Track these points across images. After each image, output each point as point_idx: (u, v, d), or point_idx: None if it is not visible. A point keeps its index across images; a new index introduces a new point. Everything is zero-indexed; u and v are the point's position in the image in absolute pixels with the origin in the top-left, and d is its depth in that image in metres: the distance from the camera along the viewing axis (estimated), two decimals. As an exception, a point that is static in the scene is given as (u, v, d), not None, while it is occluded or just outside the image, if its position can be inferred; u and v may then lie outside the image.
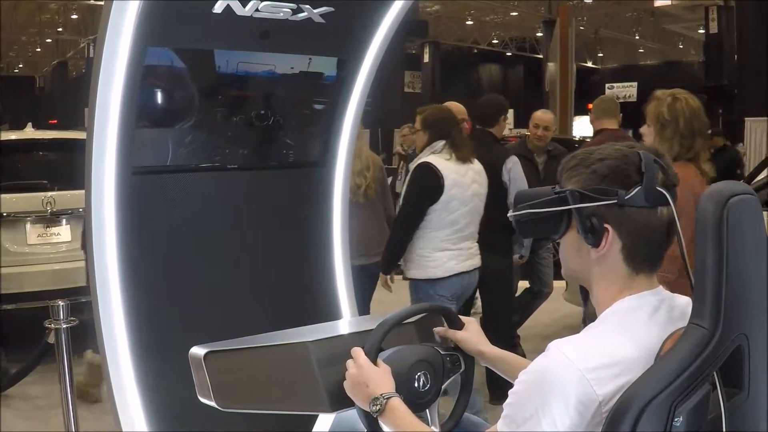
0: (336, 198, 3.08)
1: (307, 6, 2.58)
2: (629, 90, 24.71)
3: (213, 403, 2.03)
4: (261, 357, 2.04)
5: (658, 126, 3.18)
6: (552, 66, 18.73)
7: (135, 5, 2.27)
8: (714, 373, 1.47)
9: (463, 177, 4.02)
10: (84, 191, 2.42)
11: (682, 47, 32.00)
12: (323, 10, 2.62)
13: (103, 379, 3.88)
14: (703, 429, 1.47)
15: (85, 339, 3.25)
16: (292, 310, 2.90)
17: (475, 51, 33.68)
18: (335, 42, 2.83)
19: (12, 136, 7.07)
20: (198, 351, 2.04)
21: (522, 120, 21.39)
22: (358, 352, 1.91)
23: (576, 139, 12.15)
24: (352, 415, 2.03)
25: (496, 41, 32.85)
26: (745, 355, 1.50)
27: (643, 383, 1.43)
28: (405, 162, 8.91)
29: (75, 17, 27.53)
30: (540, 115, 5.78)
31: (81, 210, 5.60)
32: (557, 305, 6.46)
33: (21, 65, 38.12)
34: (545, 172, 5.59)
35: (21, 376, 4.10)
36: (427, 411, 2.03)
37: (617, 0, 26.28)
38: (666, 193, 1.55)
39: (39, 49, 34.39)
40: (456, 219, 4.01)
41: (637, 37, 30.41)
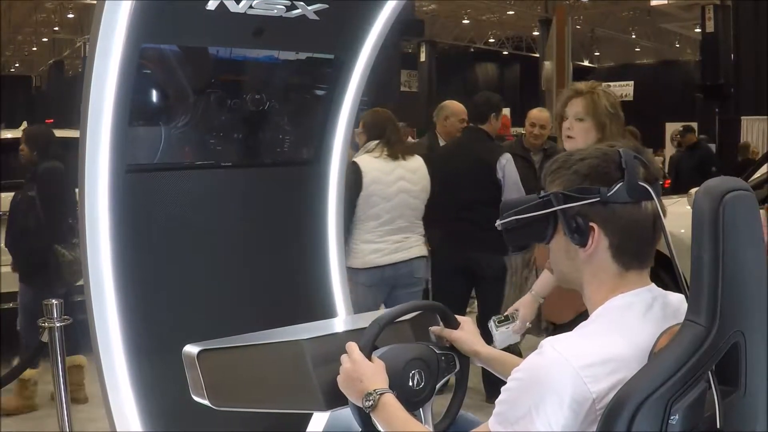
0: (331, 196, 3.07)
1: (301, 3, 2.57)
2: (626, 89, 24.73)
3: (207, 402, 2.02)
4: (255, 355, 2.03)
5: (604, 120, 3.07)
6: (548, 65, 18.72)
7: (128, 4, 2.25)
8: (709, 372, 1.47)
9: (388, 174, 4.39)
10: (78, 190, 2.41)
11: (678, 46, 32.01)
12: (317, 7, 2.61)
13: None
14: (700, 427, 1.46)
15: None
16: (286, 308, 2.89)
17: (472, 50, 33.67)
18: (330, 39, 2.82)
19: (8, 134, 7.05)
20: (191, 349, 2.03)
21: (518, 119, 21.41)
22: (352, 346, 1.90)
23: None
24: (346, 414, 2.02)
25: (492, 40, 32.83)
26: (742, 353, 1.49)
27: (639, 381, 1.42)
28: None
29: (71, 16, 27.48)
30: (536, 114, 5.79)
31: (77, 208, 5.58)
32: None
33: (17, 64, 38.07)
34: (542, 170, 5.57)
35: (15, 375, 4.08)
36: (421, 410, 2.02)
37: (613, -1, 26.33)
38: (648, 188, 1.56)
39: (35, 49, 34.33)
40: (378, 213, 4.37)
41: (634, 36, 30.44)
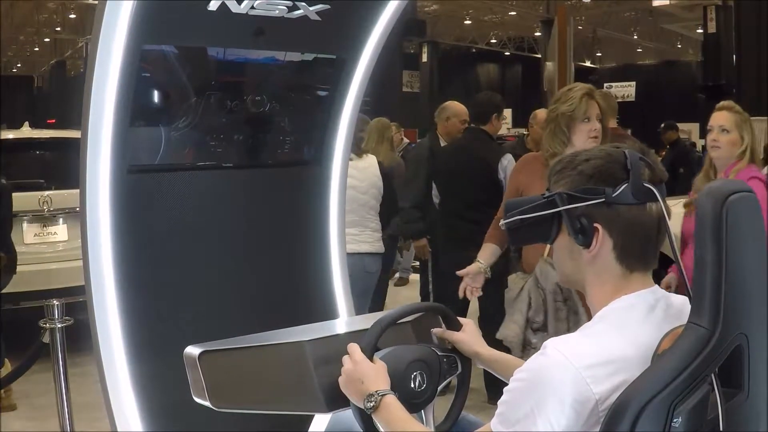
0: (333, 197, 3.06)
1: (303, 3, 2.57)
2: (628, 89, 24.70)
3: (208, 403, 2.02)
4: (256, 357, 2.03)
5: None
6: (550, 65, 18.70)
7: (129, 5, 2.25)
8: (712, 375, 1.46)
9: None
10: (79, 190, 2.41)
11: (680, 47, 32.00)
12: (319, 7, 2.60)
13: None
14: (703, 429, 1.46)
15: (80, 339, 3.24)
16: (288, 309, 2.89)
17: (474, 50, 33.65)
18: (331, 40, 2.82)
19: (10, 135, 7.06)
20: (193, 351, 2.02)
21: (520, 119, 21.39)
22: (354, 347, 1.90)
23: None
24: (348, 416, 2.01)
25: (494, 41, 32.82)
26: (745, 355, 1.49)
27: (642, 383, 1.42)
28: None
29: (73, 17, 27.50)
30: (543, 115, 5.78)
31: (78, 209, 5.60)
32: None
33: (19, 64, 38.10)
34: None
35: (16, 376, 4.08)
36: (423, 411, 2.02)
37: (615, -1, 26.31)
38: (653, 189, 1.56)
39: (37, 49, 34.36)
40: None
41: (636, 37, 30.40)
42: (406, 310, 2.07)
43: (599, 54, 33.75)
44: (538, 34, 28.38)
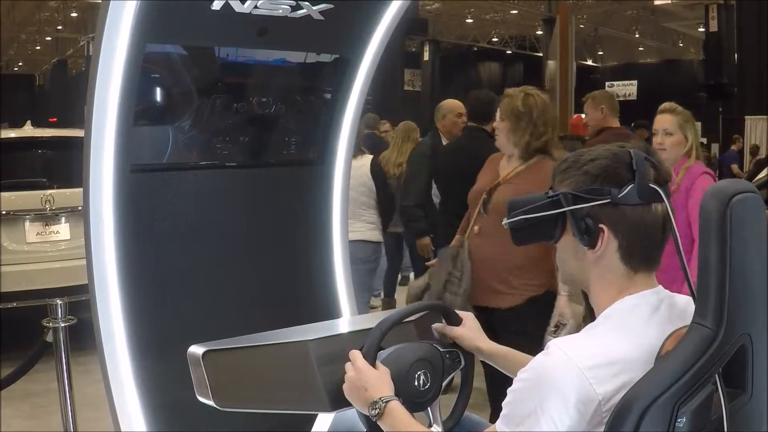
0: (336, 196, 3.06)
1: (306, 3, 2.57)
2: (629, 88, 24.75)
3: (211, 403, 2.01)
4: (260, 356, 2.03)
5: (513, 119, 3.58)
6: (552, 64, 18.69)
7: (132, 4, 2.25)
8: (716, 375, 1.46)
9: None
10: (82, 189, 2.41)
11: (681, 45, 31.99)
12: (322, 7, 2.60)
13: None
14: (707, 430, 1.46)
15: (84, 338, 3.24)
16: (291, 308, 2.89)
17: (475, 49, 33.67)
18: (334, 39, 2.82)
19: (11, 134, 7.07)
20: (196, 350, 2.02)
21: (522, 118, 21.35)
22: (356, 355, 1.89)
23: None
24: (351, 415, 2.01)
25: (495, 39, 32.83)
26: (749, 355, 1.49)
27: (646, 383, 1.42)
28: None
29: (74, 15, 27.54)
30: None
31: (80, 208, 5.61)
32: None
33: (20, 63, 38.12)
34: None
35: (19, 375, 4.08)
36: (429, 409, 2.02)
37: (617, -2, 26.31)
38: (659, 190, 1.55)
39: (38, 47, 34.40)
40: None
41: (637, 36, 30.40)
42: (406, 311, 2.07)
43: (601, 53, 33.77)
44: (539, 32, 28.39)
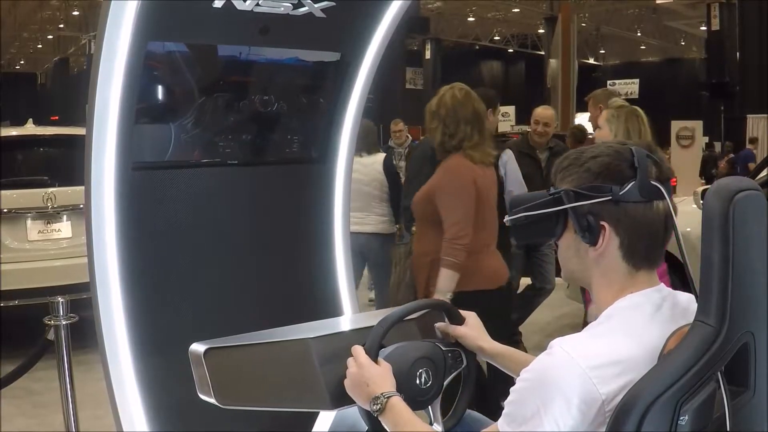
0: (337, 194, 3.06)
1: (308, 1, 2.56)
2: (631, 87, 24.73)
3: (213, 401, 2.02)
4: (261, 354, 2.03)
5: (428, 118, 3.60)
6: (554, 62, 18.72)
7: (134, 2, 2.24)
8: (718, 373, 1.46)
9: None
10: (84, 187, 2.41)
11: (683, 44, 31.97)
12: (324, 4, 2.60)
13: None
14: (709, 428, 1.45)
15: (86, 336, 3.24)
16: (293, 306, 2.89)
17: (477, 47, 33.66)
18: (336, 37, 2.81)
19: (13, 132, 7.07)
20: (198, 348, 2.02)
21: (524, 116, 21.38)
22: (358, 350, 1.89)
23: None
24: (353, 413, 2.01)
25: (497, 38, 32.83)
26: (751, 353, 1.49)
27: (648, 381, 1.41)
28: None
29: (76, 14, 27.55)
30: (540, 112, 5.77)
31: (82, 206, 5.62)
32: (559, 302, 6.44)
33: (22, 62, 38.14)
34: (548, 168, 5.57)
35: (20, 373, 4.09)
36: (430, 408, 2.01)
37: (619, -3, 26.29)
38: (660, 187, 1.55)
39: (40, 46, 34.42)
40: None
41: (639, 34, 30.41)
42: (408, 309, 2.07)
43: (603, 51, 33.76)
44: (541, 31, 28.37)
